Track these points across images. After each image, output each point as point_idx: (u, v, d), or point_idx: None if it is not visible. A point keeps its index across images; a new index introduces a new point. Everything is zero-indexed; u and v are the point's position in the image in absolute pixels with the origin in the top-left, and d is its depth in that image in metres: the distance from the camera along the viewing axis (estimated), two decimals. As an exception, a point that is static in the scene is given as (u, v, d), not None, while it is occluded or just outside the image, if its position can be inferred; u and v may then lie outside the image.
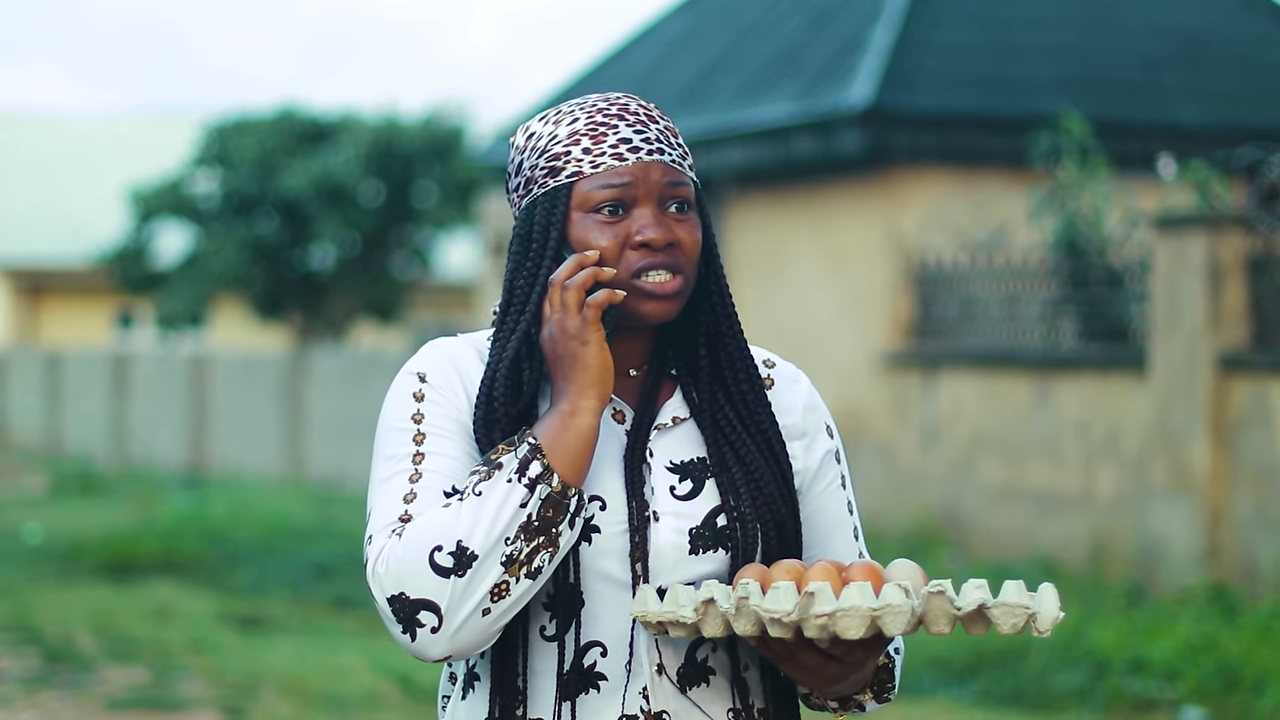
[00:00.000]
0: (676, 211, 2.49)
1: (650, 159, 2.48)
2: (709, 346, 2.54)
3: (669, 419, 2.53)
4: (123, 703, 9.20)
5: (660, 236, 2.46)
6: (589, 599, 2.45)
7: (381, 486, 2.44)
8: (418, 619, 2.36)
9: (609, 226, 2.47)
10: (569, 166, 2.49)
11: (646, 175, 2.48)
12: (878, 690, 2.55)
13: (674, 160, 2.50)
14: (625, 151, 2.48)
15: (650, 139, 2.50)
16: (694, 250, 2.49)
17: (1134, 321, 12.41)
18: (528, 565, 2.36)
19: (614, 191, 2.47)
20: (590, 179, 2.47)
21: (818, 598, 2.31)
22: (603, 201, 2.47)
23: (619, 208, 2.47)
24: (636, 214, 2.47)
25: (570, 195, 2.48)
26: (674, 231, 2.48)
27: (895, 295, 14.49)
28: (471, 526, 2.35)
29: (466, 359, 2.52)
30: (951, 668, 9.74)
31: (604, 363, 2.41)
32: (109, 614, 11.83)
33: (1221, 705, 8.88)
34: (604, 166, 2.47)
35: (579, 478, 2.39)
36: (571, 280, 2.42)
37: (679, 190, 2.50)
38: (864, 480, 14.51)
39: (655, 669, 2.46)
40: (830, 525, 2.61)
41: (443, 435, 2.46)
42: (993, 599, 2.38)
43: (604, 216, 2.47)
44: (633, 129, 2.50)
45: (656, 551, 2.46)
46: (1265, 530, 10.99)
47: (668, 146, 2.51)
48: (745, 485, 2.50)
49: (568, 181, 2.48)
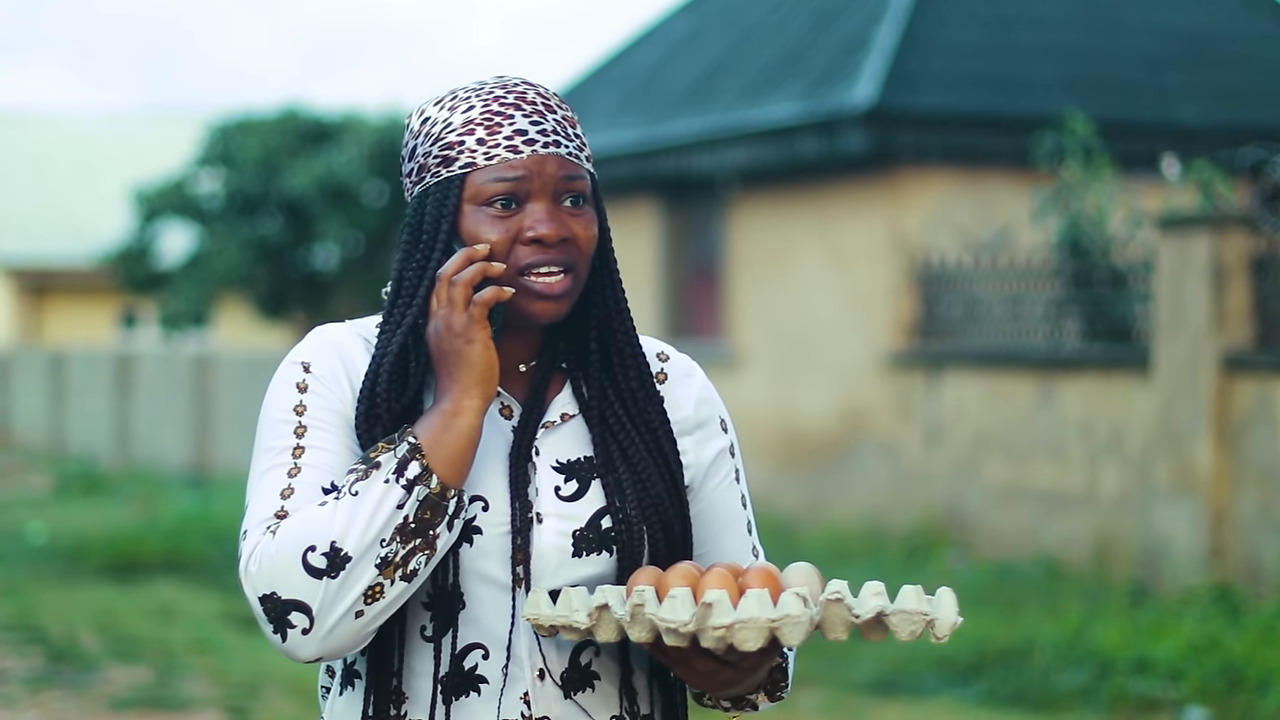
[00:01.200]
0: (572, 206, 2.42)
1: (546, 151, 2.41)
2: (600, 341, 2.48)
3: (557, 415, 2.47)
4: (126, 702, 9.20)
5: (553, 232, 2.39)
6: (469, 601, 2.39)
7: (260, 480, 2.38)
8: (289, 620, 2.30)
9: (501, 220, 2.40)
10: (462, 157, 2.41)
11: (541, 169, 2.40)
12: (771, 689, 2.50)
13: (570, 153, 2.43)
14: (520, 143, 2.41)
15: (547, 130, 2.42)
16: (589, 245, 2.43)
17: (1138, 321, 12.41)
18: (403, 568, 2.30)
19: (507, 185, 2.40)
20: (483, 171, 2.40)
21: (715, 609, 2.26)
22: (495, 195, 2.40)
23: (512, 201, 2.40)
24: (530, 208, 2.40)
25: (463, 187, 2.41)
26: (568, 226, 2.41)
27: (899, 295, 14.49)
28: (346, 527, 2.28)
29: (353, 347, 2.45)
30: (955, 667, 9.74)
31: (488, 361, 2.35)
32: (112, 614, 11.84)
33: (1225, 705, 8.87)
34: (498, 159, 2.40)
35: (459, 479, 2.32)
36: (459, 276, 2.36)
37: (574, 184, 2.42)
38: (867, 480, 14.50)
39: (537, 673, 2.41)
40: (724, 521, 2.56)
41: (324, 428, 2.39)
42: (891, 606, 2.34)
43: (496, 210, 2.40)
44: (529, 119, 2.42)
45: (539, 554, 2.40)
46: (1269, 530, 10.98)
47: (564, 138, 2.43)
48: (632, 486, 2.44)
49: (460, 172, 2.41)
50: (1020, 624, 10.57)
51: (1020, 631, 10.29)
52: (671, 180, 16.87)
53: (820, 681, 9.55)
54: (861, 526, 14.08)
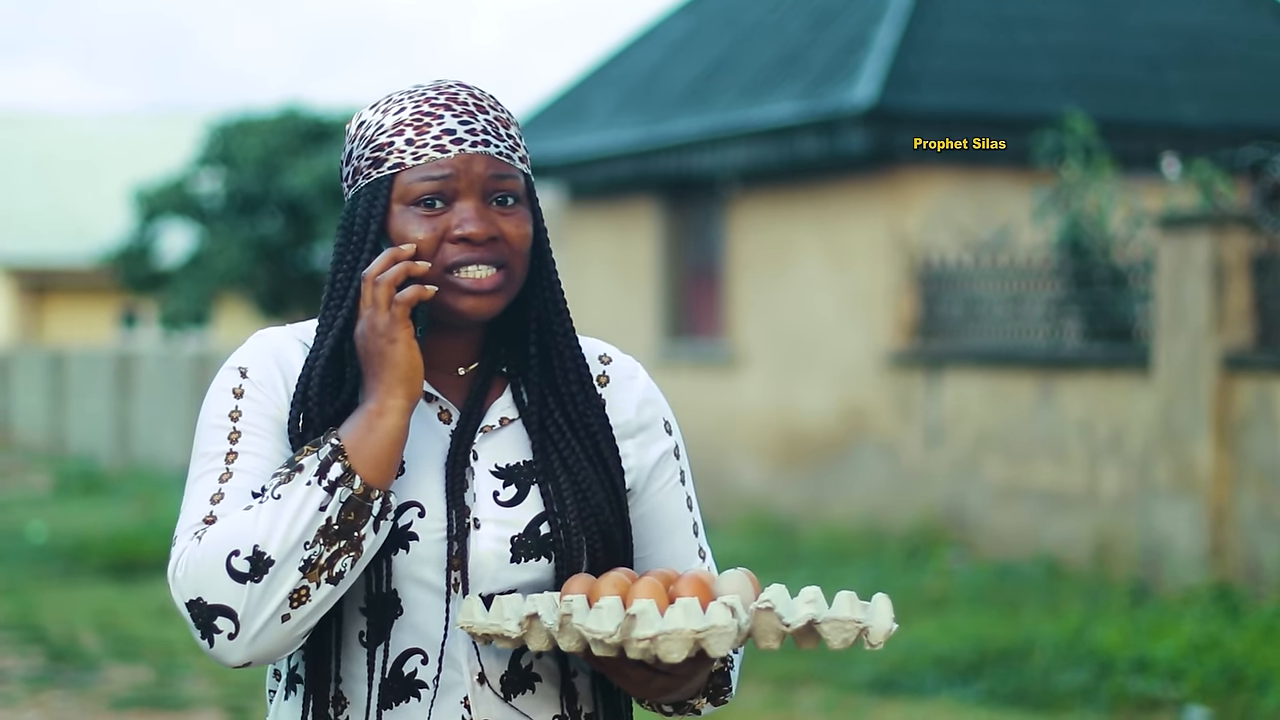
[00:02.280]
0: (501, 205, 2.41)
1: (474, 150, 2.40)
2: (539, 344, 2.47)
3: (496, 420, 2.46)
4: (126, 702, 9.21)
5: (480, 231, 2.38)
6: (406, 606, 2.38)
7: (192, 486, 2.38)
8: (215, 625, 2.29)
9: (428, 220, 2.39)
10: (391, 157, 2.41)
11: (469, 167, 2.40)
12: (713, 694, 2.49)
13: (500, 152, 2.42)
14: (448, 143, 2.40)
15: (475, 130, 2.42)
16: (521, 244, 2.41)
17: (1138, 321, 12.41)
18: (328, 570, 2.28)
19: (434, 184, 2.39)
20: (411, 170, 2.40)
21: (639, 620, 2.25)
22: (423, 194, 2.39)
23: (439, 200, 2.39)
24: (458, 207, 2.39)
25: (392, 187, 2.41)
26: (497, 225, 2.40)
27: (899, 295, 14.49)
28: (269, 530, 2.27)
29: (290, 352, 2.44)
30: (955, 667, 9.74)
31: (412, 361, 2.33)
32: (113, 613, 11.84)
33: (1225, 705, 8.87)
34: (425, 158, 2.40)
35: (384, 479, 2.31)
36: (382, 276, 2.34)
37: (504, 183, 2.41)
38: (867, 479, 14.50)
39: (476, 678, 2.40)
40: (669, 523, 2.54)
41: (258, 434, 2.38)
42: (824, 613, 2.31)
43: (424, 209, 2.39)
44: (458, 119, 2.42)
45: (476, 560, 2.39)
46: (1269, 530, 10.98)
47: (495, 137, 2.43)
48: (571, 493, 2.43)
49: (389, 173, 2.41)
50: (1020, 623, 10.57)
51: (1020, 631, 10.29)
52: (671, 180, 16.87)
53: (820, 681, 9.55)
54: (861, 526, 14.08)
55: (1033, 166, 13.66)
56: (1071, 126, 13.17)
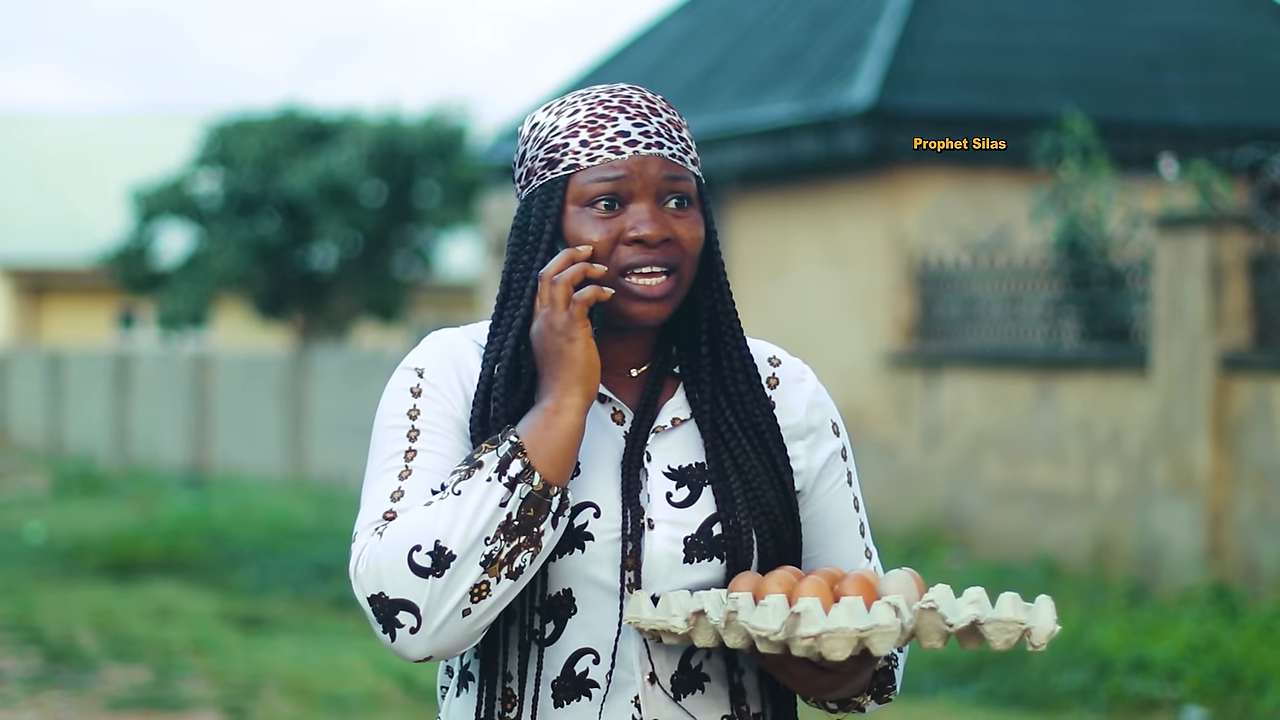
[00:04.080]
0: (675, 207, 2.43)
1: (648, 153, 2.42)
2: (710, 345, 2.49)
3: (669, 420, 2.48)
4: (124, 703, 9.20)
5: (654, 233, 2.40)
6: (580, 606, 2.41)
7: (372, 484, 2.40)
8: (397, 619, 2.31)
9: (603, 221, 2.41)
10: (566, 159, 2.43)
11: (644, 169, 2.42)
12: (877, 692, 2.51)
13: (674, 154, 2.45)
14: (622, 144, 2.42)
15: (650, 132, 2.44)
16: (693, 247, 2.43)
17: (1136, 321, 12.41)
18: (508, 565, 2.31)
19: (609, 185, 2.41)
20: (586, 172, 2.42)
21: (804, 618, 2.27)
22: (598, 195, 2.41)
23: (615, 202, 2.41)
24: (633, 209, 2.41)
25: (566, 188, 2.43)
26: (671, 227, 2.42)
27: (897, 295, 14.49)
28: (450, 525, 2.30)
29: (466, 353, 2.47)
30: (953, 668, 9.74)
31: (589, 360, 2.35)
32: (111, 614, 11.84)
33: (1223, 705, 8.87)
34: (600, 159, 2.42)
35: (562, 476, 2.33)
36: (560, 275, 2.36)
37: (678, 185, 2.44)
38: (866, 480, 14.49)
39: (647, 677, 2.42)
40: (836, 524, 2.57)
41: (437, 433, 2.41)
42: (987, 613, 2.34)
43: (599, 211, 2.41)
44: (632, 122, 2.44)
45: (650, 560, 2.42)
46: (1267, 530, 10.99)
47: (668, 140, 2.45)
48: (742, 493, 2.45)
49: (564, 174, 2.43)
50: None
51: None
52: (670, 180, 16.87)
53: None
54: (860, 526, 14.07)
55: (1031, 167, 13.66)
56: (1069, 127, 13.17)
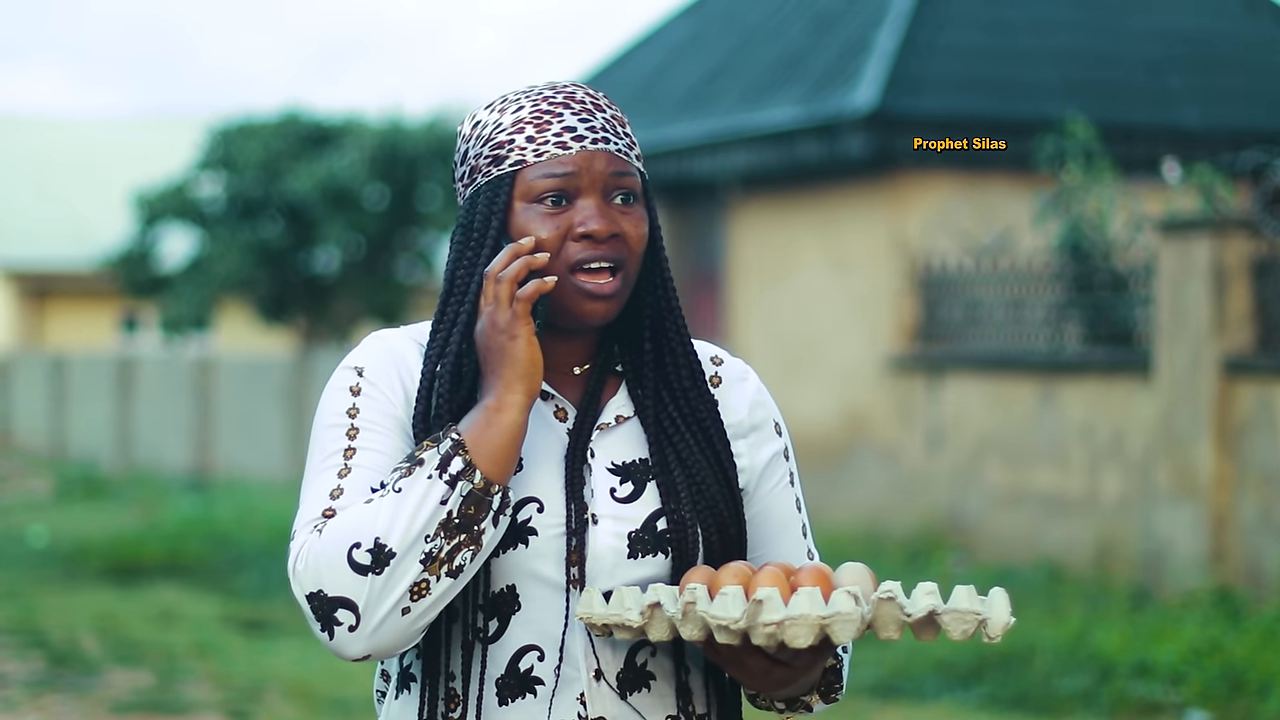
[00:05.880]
0: (621, 203, 2.43)
1: (595, 148, 2.42)
2: (653, 342, 2.49)
3: (612, 418, 2.48)
4: (127, 706, 9.21)
5: (603, 228, 2.39)
6: (524, 602, 2.40)
7: (312, 482, 2.39)
8: (335, 617, 2.30)
9: (551, 217, 2.40)
10: (512, 155, 2.43)
11: (591, 165, 2.41)
12: (825, 691, 2.51)
13: (620, 150, 2.44)
14: (569, 140, 2.42)
15: (595, 127, 2.43)
16: (638, 244, 2.44)
17: (1139, 325, 12.42)
18: (448, 563, 2.30)
19: (557, 181, 2.41)
20: (533, 168, 2.41)
21: (766, 605, 2.27)
22: (545, 191, 2.41)
23: (562, 198, 2.41)
24: (580, 204, 2.41)
25: (513, 184, 2.42)
26: (618, 223, 2.42)
27: (900, 299, 14.49)
28: (390, 523, 2.29)
29: (407, 352, 2.46)
30: (956, 671, 9.73)
31: (532, 357, 2.35)
32: (114, 617, 11.84)
33: (1226, 709, 8.87)
34: (547, 155, 2.41)
35: (503, 474, 2.33)
36: (504, 272, 2.36)
37: (624, 181, 2.43)
38: (869, 483, 14.50)
39: (593, 674, 2.41)
40: (779, 524, 2.56)
41: (377, 431, 2.40)
42: (943, 605, 2.35)
43: (546, 207, 2.41)
44: (578, 117, 2.44)
45: (594, 555, 2.41)
46: (1270, 534, 10.98)
47: (614, 135, 2.45)
48: (686, 488, 2.45)
49: (510, 170, 2.43)
50: (1021, 628, 10.56)
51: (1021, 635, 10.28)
52: (672, 184, 16.88)
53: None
54: (862, 530, 14.07)
55: (1033, 171, 13.66)
56: (1072, 131, 13.17)
